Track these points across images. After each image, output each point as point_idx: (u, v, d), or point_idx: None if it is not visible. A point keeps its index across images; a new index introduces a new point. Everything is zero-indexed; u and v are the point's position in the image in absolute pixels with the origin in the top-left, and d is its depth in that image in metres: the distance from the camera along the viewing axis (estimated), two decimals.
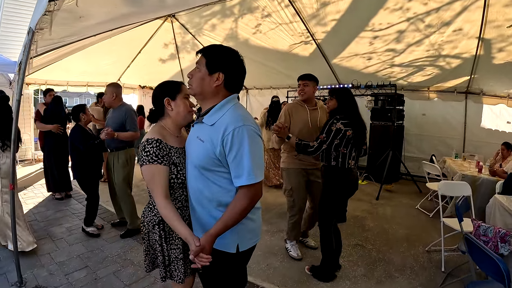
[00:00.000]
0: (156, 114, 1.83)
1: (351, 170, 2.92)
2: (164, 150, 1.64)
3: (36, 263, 3.23)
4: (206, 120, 1.54)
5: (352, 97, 2.95)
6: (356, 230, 4.32)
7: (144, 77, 9.73)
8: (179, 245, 1.74)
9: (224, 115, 1.50)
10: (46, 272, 3.06)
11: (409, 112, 6.79)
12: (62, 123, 5.12)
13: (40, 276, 2.99)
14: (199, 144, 1.53)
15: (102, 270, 3.13)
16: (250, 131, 1.45)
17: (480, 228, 2.69)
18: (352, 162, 2.91)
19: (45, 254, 3.43)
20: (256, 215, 1.64)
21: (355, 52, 6.17)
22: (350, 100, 2.92)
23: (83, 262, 3.29)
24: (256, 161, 1.45)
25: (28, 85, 7.43)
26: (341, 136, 2.79)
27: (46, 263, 3.24)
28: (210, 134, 1.49)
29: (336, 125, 2.80)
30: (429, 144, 6.84)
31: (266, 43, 6.78)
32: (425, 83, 6.50)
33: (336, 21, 5.44)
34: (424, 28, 4.90)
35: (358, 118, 2.89)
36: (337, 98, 2.93)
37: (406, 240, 4.01)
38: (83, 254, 3.46)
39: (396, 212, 5.06)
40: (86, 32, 5.07)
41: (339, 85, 7.19)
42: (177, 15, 6.74)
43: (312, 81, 3.29)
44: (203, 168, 1.53)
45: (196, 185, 1.58)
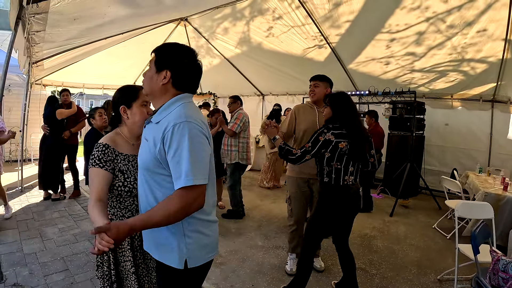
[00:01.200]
0: (114, 121, 1.76)
1: (347, 187, 2.53)
2: (109, 156, 1.59)
3: (20, 262, 3.28)
4: (154, 119, 1.45)
5: (348, 102, 2.58)
6: (362, 250, 3.91)
7: None
8: (130, 257, 1.65)
9: (170, 113, 1.38)
10: (27, 271, 3.10)
11: (431, 122, 6.28)
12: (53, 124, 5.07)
13: (21, 274, 3.04)
14: (144, 144, 1.45)
15: (80, 275, 3.08)
16: (193, 128, 1.31)
17: (499, 262, 2.23)
18: (351, 179, 2.53)
19: (31, 254, 3.47)
20: (210, 229, 1.50)
21: (371, 56, 5.78)
22: (346, 106, 2.55)
23: (65, 264, 3.28)
24: (196, 161, 1.28)
25: (45, 86, 7.55)
26: (331, 149, 2.45)
27: (29, 262, 3.28)
28: (153, 133, 1.39)
29: (325, 135, 2.46)
30: (452, 156, 6.28)
31: (279, 47, 6.54)
32: (448, 90, 5.98)
33: (350, 22, 5.11)
34: (446, 29, 4.46)
35: (355, 127, 2.51)
36: (331, 105, 2.58)
37: (417, 265, 3.56)
38: (67, 256, 3.45)
39: (410, 231, 4.59)
40: (92, 35, 5.05)
41: (355, 92, 6.78)
42: (189, 18, 6.65)
43: (324, 82, 3.08)
44: (147, 169, 1.42)
45: (143, 190, 1.47)
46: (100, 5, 3.70)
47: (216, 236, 1.55)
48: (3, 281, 2.89)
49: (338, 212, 2.61)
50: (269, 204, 5.75)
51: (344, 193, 2.55)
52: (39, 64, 5.57)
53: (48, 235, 3.98)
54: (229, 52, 7.57)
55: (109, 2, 3.70)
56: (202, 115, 1.48)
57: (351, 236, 4.23)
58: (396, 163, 5.99)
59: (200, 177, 1.29)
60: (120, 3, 3.85)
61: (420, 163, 6.15)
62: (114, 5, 3.85)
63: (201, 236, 1.44)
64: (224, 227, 4.58)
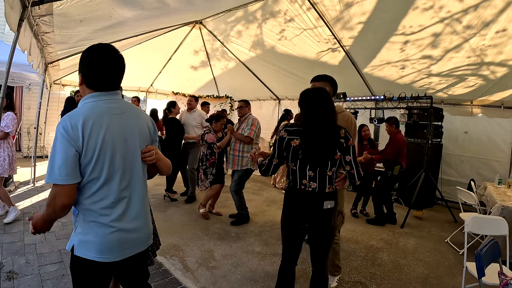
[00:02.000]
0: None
1: (303, 193, 2.21)
2: None
3: (19, 251, 3.43)
4: None
5: (311, 97, 2.25)
6: (364, 263, 3.70)
7: (177, 84, 9.81)
8: None
9: None
10: (24, 260, 3.23)
11: (449, 129, 5.95)
12: None
13: (18, 263, 3.18)
14: None
15: None
16: (59, 129, 1.36)
17: (508, 287, 2.00)
18: (311, 184, 2.19)
19: (31, 244, 3.61)
20: (92, 230, 1.47)
21: (386, 60, 5.54)
22: (304, 101, 2.26)
23: (60, 257, 3.36)
24: (54, 161, 1.35)
25: (64, 86, 7.78)
26: (285, 147, 2.22)
27: (28, 252, 3.42)
28: None
29: (280, 133, 2.25)
30: (471, 166, 5.91)
31: (292, 50, 6.42)
32: (468, 96, 5.62)
33: (363, 24, 4.91)
34: (462, 30, 4.17)
35: (310, 124, 2.17)
36: (299, 105, 2.31)
37: (422, 282, 3.31)
38: (64, 249, 3.54)
39: (420, 244, 4.32)
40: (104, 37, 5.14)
41: (370, 97, 6.54)
42: (203, 21, 6.67)
43: (322, 82, 2.72)
44: None
45: None
46: (104, 8, 3.75)
47: (99, 240, 1.47)
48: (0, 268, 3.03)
49: (285, 215, 2.36)
50: (275, 210, 5.62)
51: (297, 198, 2.24)
52: (55, 65, 5.73)
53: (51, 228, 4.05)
54: (243, 55, 7.53)
55: (112, 5, 3.74)
56: (93, 114, 1.44)
57: (356, 247, 4.10)
58: (411, 172, 5.69)
59: (52, 177, 1.34)
60: (124, 5, 3.89)
61: (437, 172, 5.84)
62: (119, 7, 3.88)
63: (80, 231, 1.48)
64: (225, 230, 4.51)
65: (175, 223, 4.66)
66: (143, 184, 1.62)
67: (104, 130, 1.43)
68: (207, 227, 4.56)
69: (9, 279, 2.88)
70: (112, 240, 1.48)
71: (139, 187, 1.59)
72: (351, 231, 4.70)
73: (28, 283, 2.84)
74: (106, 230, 1.47)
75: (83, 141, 1.37)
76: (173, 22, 6.06)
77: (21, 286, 2.79)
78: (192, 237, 4.19)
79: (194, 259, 3.57)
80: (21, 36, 2.89)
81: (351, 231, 4.70)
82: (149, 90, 9.92)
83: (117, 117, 1.51)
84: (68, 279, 2.92)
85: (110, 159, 1.45)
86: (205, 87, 10.09)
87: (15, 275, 2.94)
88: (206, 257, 3.64)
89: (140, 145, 1.59)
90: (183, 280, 3.09)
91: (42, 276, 2.96)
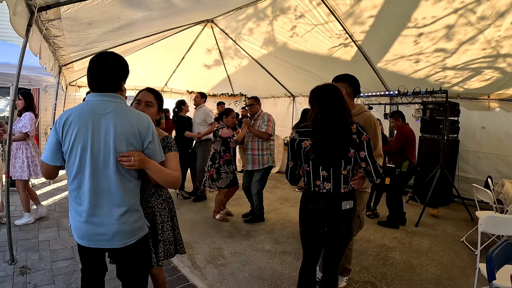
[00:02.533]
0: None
1: (317, 194, 2.19)
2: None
3: (33, 247, 3.57)
4: None
5: (319, 94, 2.19)
6: (375, 262, 3.63)
7: (191, 83, 9.88)
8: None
9: None
10: (37, 256, 3.36)
11: (466, 125, 5.74)
12: None
13: (31, 259, 3.31)
14: None
15: None
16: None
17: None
18: (325, 185, 2.16)
19: (45, 241, 3.75)
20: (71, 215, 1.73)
21: (400, 54, 5.40)
22: (316, 100, 2.20)
23: (73, 253, 3.48)
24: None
25: (80, 87, 7.95)
26: (297, 148, 2.22)
27: (41, 249, 3.55)
28: None
29: (292, 135, 2.26)
30: (489, 163, 5.68)
31: (304, 47, 6.34)
32: (484, 90, 5.40)
33: (374, 18, 4.80)
34: (476, 21, 4.01)
35: (319, 123, 2.12)
36: (310, 103, 2.27)
37: (434, 283, 3.20)
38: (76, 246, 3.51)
39: (434, 244, 4.19)
40: (115, 38, 5.22)
41: (384, 92, 6.41)
42: (215, 20, 6.68)
43: (340, 83, 2.64)
44: None
45: None
46: (111, 10, 3.80)
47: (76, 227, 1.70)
48: (13, 263, 3.16)
49: (302, 220, 2.34)
50: (287, 207, 5.60)
51: (310, 200, 2.23)
52: (69, 67, 5.86)
53: (64, 225, 4.24)
54: (256, 53, 7.50)
55: (120, 7, 3.79)
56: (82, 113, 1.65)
57: (368, 246, 4.04)
58: (427, 169, 5.53)
59: (43, 155, 1.69)
60: (131, 7, 3.93)
61: (453, 169, 5.66)
62: (126, 9, 3.93)
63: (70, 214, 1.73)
64: (235, 228, 4.52)
65: (187, 220, 4.71)
66: (119, 186, 1.65)
67: (78, 127, 1.59)
68: (218, 225, 4.59)
69: (22, 274, 3.00)
70: (83, 228, 1.67)
71: (113, 188, 1.64)
72: (364, 229, 4.56)
73: (40, 278, 2.95)
74: (79, 217, 1.67)
75: (62, 133, 1.61)
76: (184, 22, 6.09)
77: (33, 280, 2.90)
78: (203, 235, 4.22)
79: (203, 257, 3.61)
80: (31, 41, 2.96)
81: (364, 229, 4.56)
82: (163, 89, 10.03)
83: (100, 117, 1.62)
84: (78, 275, 2.95)
85: (80, 155, 1.60)
86: (219, 85, 10.12)
87: (28, 270, 3.07)
88: (215, 255, 3.67)
89: (116, 147, 1.62)
90: (191, 277, 3.13)
91: (53, 272, 3.07)
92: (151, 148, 1.71)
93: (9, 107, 3.26)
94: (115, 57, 1.71)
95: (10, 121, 3.22)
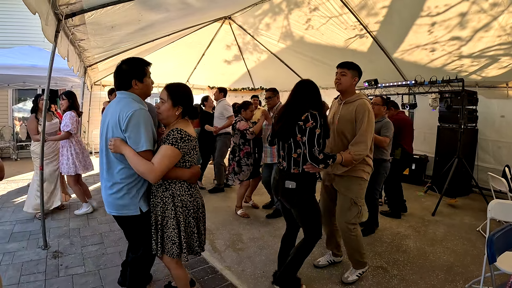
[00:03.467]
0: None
1: (278, 169, 2.69)
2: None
3: (64, 234, 3.87)
4: None
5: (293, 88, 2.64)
6: (389, 249, 3.72)
7: (212, 78, 10.15)
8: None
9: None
10: (68, 242, 3.67)
11: (485, 113, 5.65)
12: None
13: (63, 244, 3.61)
14: None
15: (111, 248, 3.53)
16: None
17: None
18: (284, 163, 2.58)
19: (76, 229, 4.06)
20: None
21: (415, 43, 5.36)
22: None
23: (101, 239, 3.79)
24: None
25: (104, 87, 8.32)
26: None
27: (72, 235, 3.86)
28: None
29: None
30: (509, 152, 5.56)
31: (321, 40, 6.39)
32: (502, 78, 5.27)
33: (387, 8, 4.82)
34: (489, 7, 3.94)
35: (281, 109, 2.66)
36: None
37: (446, 270, 3.25)
38: (105, 232, 3.96)
39: (450, 233, 4.22)
40: (136, 38, 5.48)
41: (401, 82, 6.37)
42: (232, 16, 6.84)
43: (352, 70, 2.83)
44: None
45: None
46: (132, 14, 4.02)
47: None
48: (46, 248, 3.44)
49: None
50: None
51: (275, 172, 2.77)
52: (94, 67, 6.17)
53: (94, 214, 4.56)
54: (274, 47, 7.61)
55: (139, 10, 4.00)
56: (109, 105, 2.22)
57: (382, 234, 4.17)
58: (446, 159, 5.53)
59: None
60: (150, 10, 4.14)
61: (472, 159, 5.61)
62: (145, 12, 4.15)
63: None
64: (255, 216, 4.71)
65: (208, 209, 4.86)
66: (107, 166, 2.10)
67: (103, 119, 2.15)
68: (237, 214, 4.75)
69: (54, 257, 3.29)
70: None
71: (105, 167, 2.11)
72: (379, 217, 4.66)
73: (71, 260, 3.24)
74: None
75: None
76: (202, 20, 6.27)
77: (65, 263, 3.19)
78: (223, 222, 4.44)
79: (223, 242, 3.82)
80: (59, 45, 3.23)
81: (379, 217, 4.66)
82: None
83: (107, 110, 2.14)
84: (107, 258, 3.30)
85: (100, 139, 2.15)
86: (240, 80, 10.33)
87: (60, 254, 3.36)
88: (234, 240, 3.87)
89: (107, 134, 2.06)
90: (210, 260, 3.34)
91: (84, 255, 3.35)
92: (128, 137, 1.98)
93: (43, 107, 3.53)
94: (126, 62, 2.13)
95: (44, 120, 3.52)
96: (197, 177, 2.24)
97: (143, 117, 2.00)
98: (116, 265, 3.09)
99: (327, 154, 2.45)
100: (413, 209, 5.05)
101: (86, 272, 3.01)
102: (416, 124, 7.19)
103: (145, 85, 2.17)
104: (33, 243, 3.56)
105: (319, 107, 2.50)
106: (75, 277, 2.91)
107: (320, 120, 2.38)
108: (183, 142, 2.03)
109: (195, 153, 2.19)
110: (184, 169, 2.13)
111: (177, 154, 2.03)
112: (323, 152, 2.41)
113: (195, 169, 2.20)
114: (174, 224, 2.11)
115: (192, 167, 2.19)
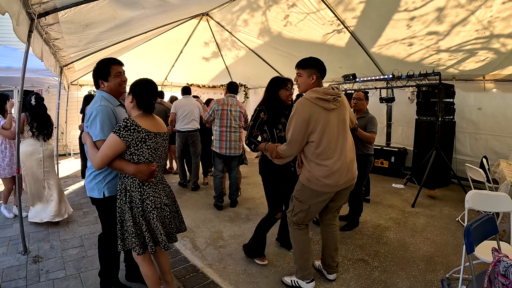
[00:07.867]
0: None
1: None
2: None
3: (45, 238, 3.79)
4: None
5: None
6: (370, 241, 3.75)
7: (190, 76, 10.04)
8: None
9: None
10: (48, 246, 3.58)
11: (462, 106, 5.77)
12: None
13: (43, 248, 3.52)
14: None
15: (92, 251, 3.45)
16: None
17: (500, 264, 1.84)
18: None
19: (56, 232, 3.97)
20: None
21: (393, 38, 5.43)
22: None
23: (81, 241, 3.72)
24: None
25: (81, 86, 8.11)
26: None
27: (52, 239, 3.76)
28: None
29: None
30: (485, 144, 5.70)
31: (299, 35, 6.41)
32: (479, 71, 5.41)
33: (364, 3, 4.86)
34: (467, 2, 4.03)
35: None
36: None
37: (426, 260, 3.30)
38: (85, 235, 3.88)
39: (430, 224, 4.30)
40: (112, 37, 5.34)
41: (379, 77, 6.43)
42: (210, 13, 6.76)
43: (307, 70, 2.56)
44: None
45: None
46: (107, 11, 3.92)
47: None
48: (27, 253, 3.36)
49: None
50: None
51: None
52: (70, 67, 6.00)
53: (73, 217, 4.44)
54: (252, 43, 7.58)
55: (114, 8, 3.90)
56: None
57: (363, 226, 4.20)
58: (424, 151, 5.63)
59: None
60: (125, 7, 4.04)
61: (450, 151, 5.72)
62: (120, 9, 4.04)
63: None
64: (235, 212, 4.69)
65: (189, 207, 4.90)
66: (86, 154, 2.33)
67: None
68: (219, 211, 4.75)
69: (35, 262, 3.20)
70: None
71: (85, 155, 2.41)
72: None
73: (51, 265, 3.15)
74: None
75: None
76: (180, 16, 6.19)
77: (46, 267, 3.10)
78: (204, 220, 4.41)
79: (204, 240, 3.78)
80: (33, 45, 3.11)
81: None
82: (164, 83, 10.18)
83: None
84: (87, 260, 3.24)
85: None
86: (218, 76, 10.27)
87: (40, 259, 3.26)
88: (215, 238, 3.84)
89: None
90: (192, 258, 3.31)
91: (64, 259, 3.29)
92: (89, 129, 2.20)
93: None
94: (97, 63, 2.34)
95: (17, 122, 3.42)
96: (148, 176, 2.11)
97: (101, 112, 2.15)
98: (96, 268, 3.00)
99: (253, 141, 3.10)
100: (393, 201, 5.15)
101: (67, 276, 2.94)
102: (394, 117, 7.32)
103: (112, 84, 2.30)
104: (13, 249, 3.46)
105: (270, 101, 3.09)
106: (56, 282, 2.84)
107: (258, 112, 3.10)
108: (126, 131, 2.01)
109: (148, 149, 2.11)
110: (129, 163, 2.08)
111: (118, 142, 2.01)
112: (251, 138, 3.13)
113: (143, 167, 2.09)
114: (130, 217, 2.15)
115: (141, 164, 2.10)
